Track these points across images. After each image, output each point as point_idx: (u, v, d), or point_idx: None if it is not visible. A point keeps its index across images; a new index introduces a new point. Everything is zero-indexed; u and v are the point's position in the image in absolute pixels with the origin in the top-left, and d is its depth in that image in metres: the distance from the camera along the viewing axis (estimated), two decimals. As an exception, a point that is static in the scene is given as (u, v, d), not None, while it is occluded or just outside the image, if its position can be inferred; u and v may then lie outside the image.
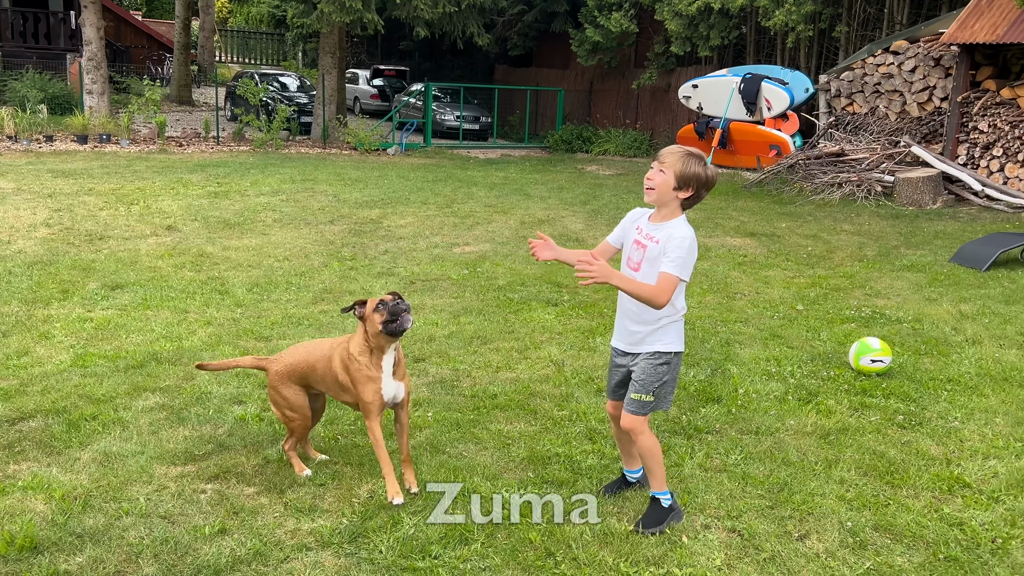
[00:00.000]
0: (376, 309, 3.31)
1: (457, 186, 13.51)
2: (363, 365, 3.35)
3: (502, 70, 27.90)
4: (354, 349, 3.38)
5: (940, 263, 8.23)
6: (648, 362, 3.17)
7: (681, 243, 3.03)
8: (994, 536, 3.23)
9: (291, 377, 3.55)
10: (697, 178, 3.06)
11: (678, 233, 3.06)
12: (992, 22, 12.07)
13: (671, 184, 3.07)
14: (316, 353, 3.52)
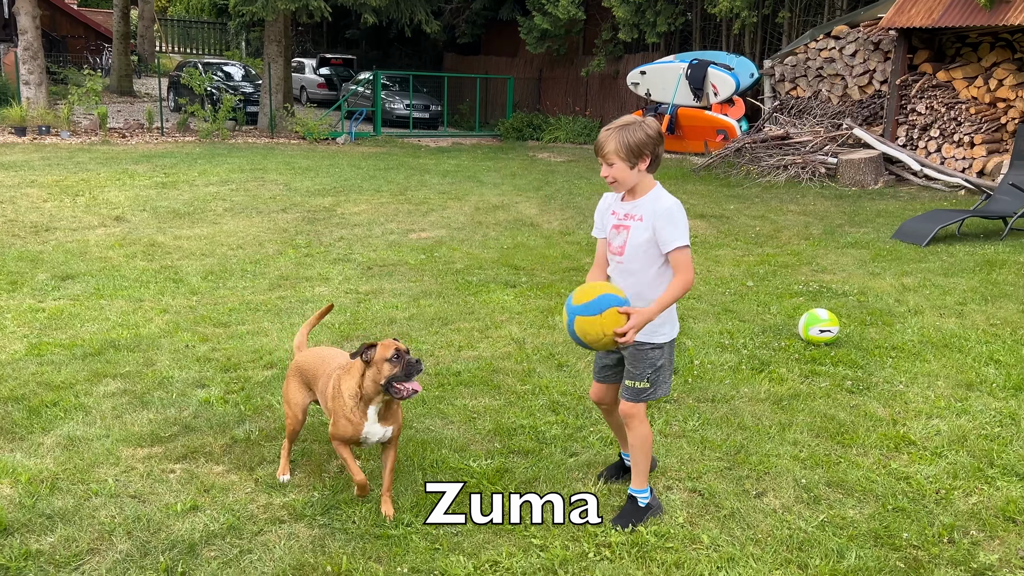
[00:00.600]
0: (389, 360, 2.97)
1: (410, 174, 13.50)
2: (347, 406, 3.07)
3: (451, 58, 27.83)
4: (343, 387, 3.09)
5: (883, 240, 8.51)
6: (641, 349, 3.03)
7: (672, 212, 2.93)
8: (938, 488, 3.41)
9: (300, 374, 3.41)
10: (642, 143, 2.91)
11: (662, 205, 2.95)
12: (928, 7, 12.46)
13: (626, 167, 2.94)
14: (323, 367, 3.31)
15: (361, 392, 3.05)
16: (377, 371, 2.99)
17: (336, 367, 3.24)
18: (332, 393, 3.15)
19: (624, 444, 3.38)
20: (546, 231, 9.04)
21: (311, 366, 3.38)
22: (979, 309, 6.00)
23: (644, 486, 3.16)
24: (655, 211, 2.95)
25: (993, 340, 5.29)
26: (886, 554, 2.94)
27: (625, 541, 3.00)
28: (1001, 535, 3.08)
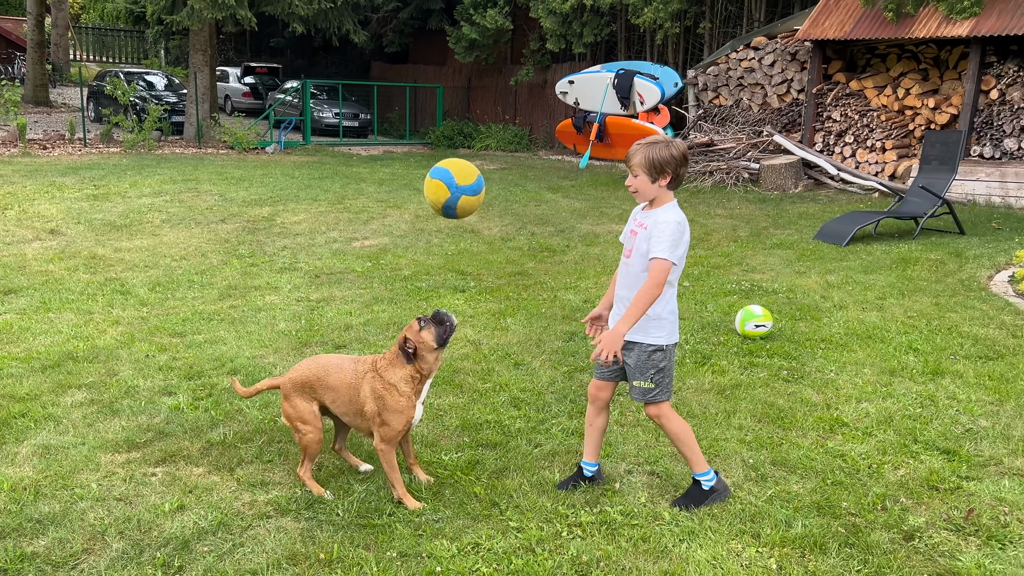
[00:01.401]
0: (422, 329, 3.27)
1: (345, 182, 13.56)
2: (404, 395, 3.26)
3: (379, 67, 27.86)
4: (395, 379, 3.26)
5: (805, 241, 9.02)
6: (642, 353, 3.25)
7: (666, 226, 3.11)
8: (870, 463, 3.76)
9: (301, 387, 3.42)
10: (665, 161, 3.12)
11: (663, 218, 3.14)
12: (840, 20, 13.18)
13: (647, 180, 3.16)
14: (336, 376, 3.38)
15: (421, 372, 3.28)
16: (426, 345, 3.27)
17: (352, 372, 3.35)
18: (374, 394, 3.27)
19: (589, 453, 3.52)
20: (488, 237, 9.27)
21: (317, 376, 3.40)
22: (897, 303, 6.47)
23: (705, 468, 3.35)
24: (656, 222, 3.16)
25: (911, 331, 5.75)
26: (828, 522, 3.25)
27: (595, 520, 3.24)
28: (926, 501, 3.44)
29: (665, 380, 3.30)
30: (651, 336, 3.25)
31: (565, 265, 7.84)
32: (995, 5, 11.59)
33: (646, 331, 3.24)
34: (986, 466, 3.75)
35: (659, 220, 3.16)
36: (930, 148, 9.84)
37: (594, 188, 13.36)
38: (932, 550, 3.09)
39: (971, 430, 4.12)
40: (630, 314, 3.11)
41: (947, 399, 4.52)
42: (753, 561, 3.00)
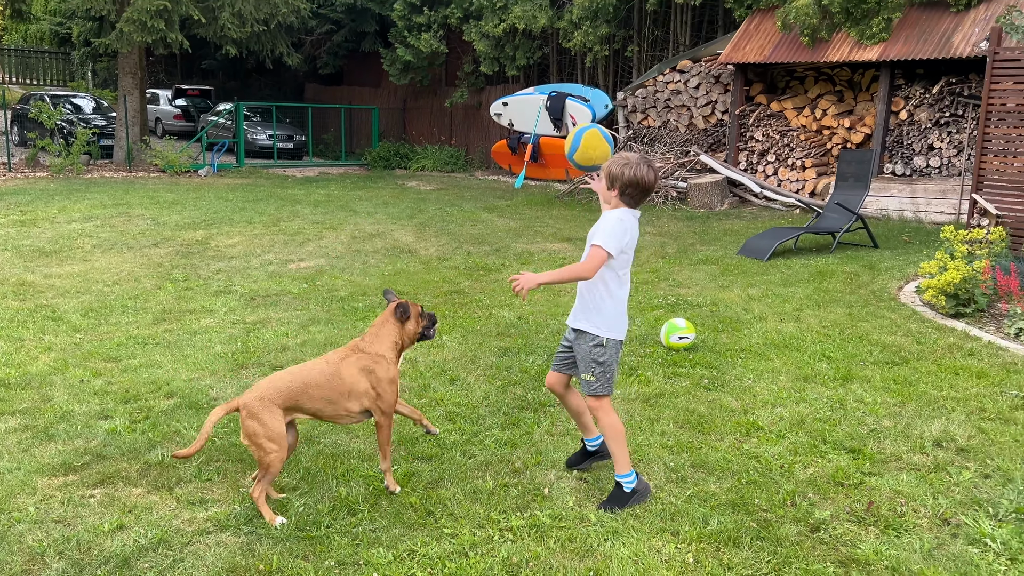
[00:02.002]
0: (420, 314, 3.74)
1: (280, 205, 13.56)
2: (392, 362, 3.59)
3: (313, 88, 27.81)
4: (381, 348, 3.59)
5: (729, 256, 9.40)
6: (585, 345, 3.54)
7: (608, 221, 3.46)
8: (782, 463, 4.03)
9: (276, 402, 3.43)
10: (615, 177, 3.44)
11: (609, 215, 3.49)
12: (760, 44, 13.77)
13: (605, 188, 3.52)
14: (312, 372, 3.54)
15: (402, 343, 3.67)
16: (416, 323, 3.70)
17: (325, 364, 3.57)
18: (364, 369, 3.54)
19: (584, 430, 3.86)
20: (424, 257, 9.42)
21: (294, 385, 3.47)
22: (813, 314, 6.83)
23: (627, 470, 3.57)
24: (603, 218, 3.53)
25: (825, 339, 6.09)
26: (742, 518, 3.49)
27: (525, 524, 3.42)
28: (832, 496, 3.71)
29: (605, 375, 3.57)
30: (592, 325, 3.55)
31: (500, 283, 8.04)
32: (902, 31, 12.28)
33: (588, 318, 3.58)
34: (887, 462, 4.05)
35: (605, 216, 3.52)
36: (845, 166, 10.36)
37: (529, 208, 13.63)
38: (835, 540, 3.34)
39: (875, 430, 4.43)
40: (556, 272, 3.55)
41: (855, 402, 4.84)
42: (672, 556, 3.21)
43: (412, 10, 20.12)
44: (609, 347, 3.56)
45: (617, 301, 3.57)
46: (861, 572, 3.12)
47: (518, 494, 3.68)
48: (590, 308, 3.54)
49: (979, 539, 3.34)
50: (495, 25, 17.96)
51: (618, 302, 3.57)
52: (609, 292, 3.53)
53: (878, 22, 12.19)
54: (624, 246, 3.48)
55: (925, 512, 3.57)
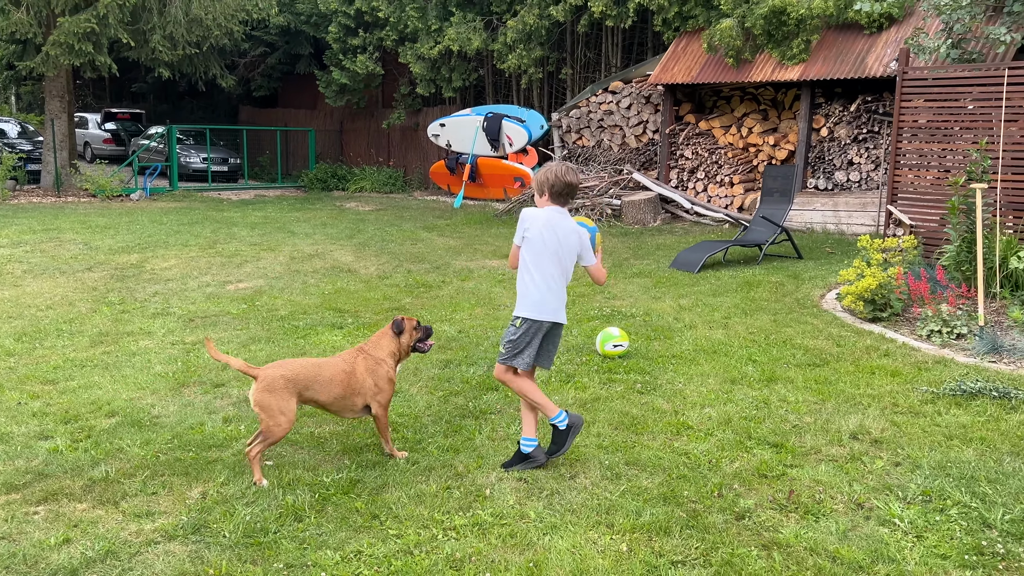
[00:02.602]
0: (415, 328, 4.31)
1: (216, 227, 13.47)
2: (390, 367, 4.19)
3: (247, 111, 27.61)
4: (382, 354, 4.20)
5: (662, 269, 9.71)
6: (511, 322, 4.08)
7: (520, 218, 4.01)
8: (710, 458, 4.25)
9: (293, 384, 3.95)
10: (542, 181, 4.01)
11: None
12: (687, 65, 14.26)
13: (538, 195, 4.07)
14: (328, 370, 4.07)
15: (399, 353, 4.25)
16: (409, 336, 4.27)
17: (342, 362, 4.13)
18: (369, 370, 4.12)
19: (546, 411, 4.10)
20: (364, 276, 9.50)
21: (312, 376, 4.02)
22: (740, 321, 7.14)
23: (555, 412, 4.05)
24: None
25: (751, 345, 6.39)
26: (672, 509, 3.69)
27: (467, 523, 3.56)
28: (756, 487, 3.94)
29: (513, 348, 4.02)
30: (517, 309, 4.06)
31: (441, 299, 8.18)
32: (820, 52, 12.88)
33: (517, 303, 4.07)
34: (808, 455, 4.31)
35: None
36: (770, 181, 10.81)
37: (468, 226, 13.81)
38: (759, 526, 3.57)
39: (797, 426, 4.70)
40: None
41: (779, 401, 5.11)
42: (608, 547, 3.39)
43: (347, 32, 20.23)
44: (522, 327, 4.02)
45: (531, 288, 4.00)
46: (782, 554, 3.34)
47: (460, 496, 3.82)
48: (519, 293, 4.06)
49: (889, 520, 3.60)
50: (430, 47, 18.19)
51: (532, 290, 4.00)
52: (522, 279, 4.03)
53: (798, 44, 12.77)
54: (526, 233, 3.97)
55: (841, 498, 3.82)
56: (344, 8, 19.71)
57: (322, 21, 21.07)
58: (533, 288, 3.98)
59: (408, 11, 18.31)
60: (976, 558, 3.30)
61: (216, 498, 3.79)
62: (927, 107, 9.11)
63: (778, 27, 12.87)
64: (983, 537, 3.45)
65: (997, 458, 4.21)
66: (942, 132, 9.05)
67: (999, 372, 5.63)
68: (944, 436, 4.50)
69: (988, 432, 4.55)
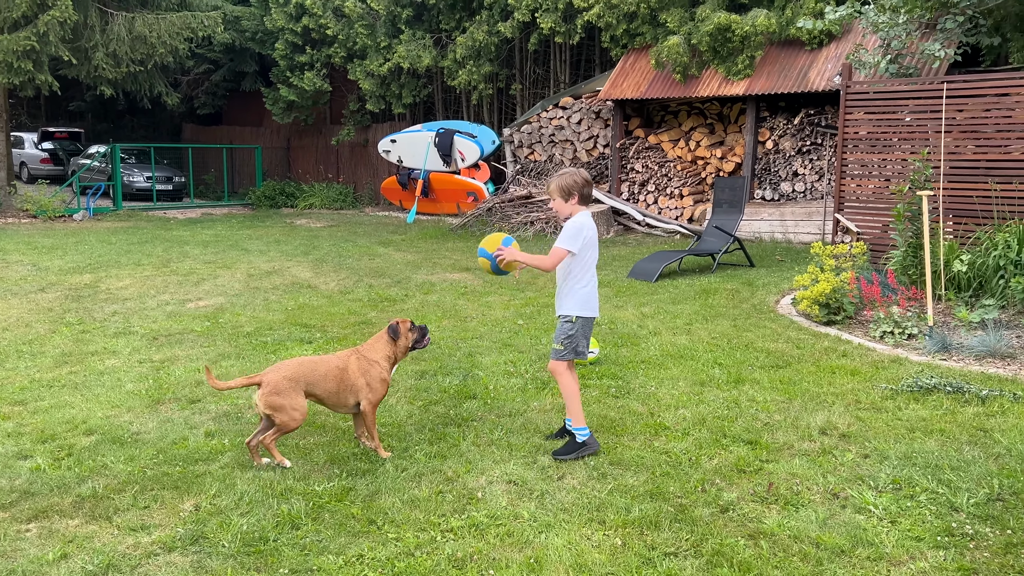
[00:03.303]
0: (410, 329, 4.58)
1: (168, 246, 13.29)
2: (384, 369, 4.45)
3: (191, 129, 27.24)
4: (376, 356, 4.45)
5: (620, 279, 9.92)
6: (560, 322, 4.38)
7: (568, 226, 4.26)
8: (690, 456, 4.41)
9: (297, 382, 4.25)
10: (572, 186, 4.29)
11: (569, 222, 4.29)
12: (636, 81, 14.60)
13: (561, 202, 4.33)
14: (323, 366, 4.37)
15: (395, 356, 4.52)
16: (406, 339, 4.54)
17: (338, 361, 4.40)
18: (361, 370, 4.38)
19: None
20: (326, 292, 9.49)
21: (311, 372, 4.31)
22: (702, 327, 7.36)
23: (581, 424, 4.37)
24: (567, 224, 4.29)
25: (715, 349, 6.60)
26: (660, 505, 3.83)
27: (464, 524, 3.64)
28: (737, 481, 4.10)
29: (571, 344, 4.36)
30: (564, 308, 4.38)
31: (407, 313, 8.23)
32: (764, 68, 13.33)
33: (561, 304, 4.42)
34: (781, 450, 4.50)
35: (568, 224, 4.30)
36: (720, 193, 11.14)
37: (424, 241, 13.87)
38: (743, 518, 3.72)
39: (768, 424, 4.89)
40: (527, 257, 4.36)
41: (748, 401, 5.31)
42: (602, 542, 3.51)
43: (294, 49, 20.17)
44: (577, 323, 4.36)
45: (586, 288, 4.37)
46: (768, 542, 3.50)
47: (454, 499, 3.90)
48: (561, 292, 4.39)
49: (864, 508, 3.80)
50: (380, 64, 18.24)
51: (587, 290, 4.38)
52: (578, 281, 4.35)
53: (743, 59, 13.19)
54: (585, 243, 4.28)
55: (817, 489, 4.01)
56: (291, 25, 19.66)
57: (268, 38, 20.96)
58: (584, 287, 4.36)
59: (357, 28, 18.35)
60: (948, 539, 3.50)
61: (210, 510, 3.80)
62: (868, 119, 9.52)
63: (723, 44, 13.29)
64: (952, 520, 3.66)
65: (958, 447, 4.46)
66: (882, 143, 9.47)
67: (950, 368, 5.93)
68: (907, 429, 4.74)
69: (947, 424, 4.80)
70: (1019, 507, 3.76)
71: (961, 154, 8.68)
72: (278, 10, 19.68)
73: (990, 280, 7.40)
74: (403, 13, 17.73)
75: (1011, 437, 4.57)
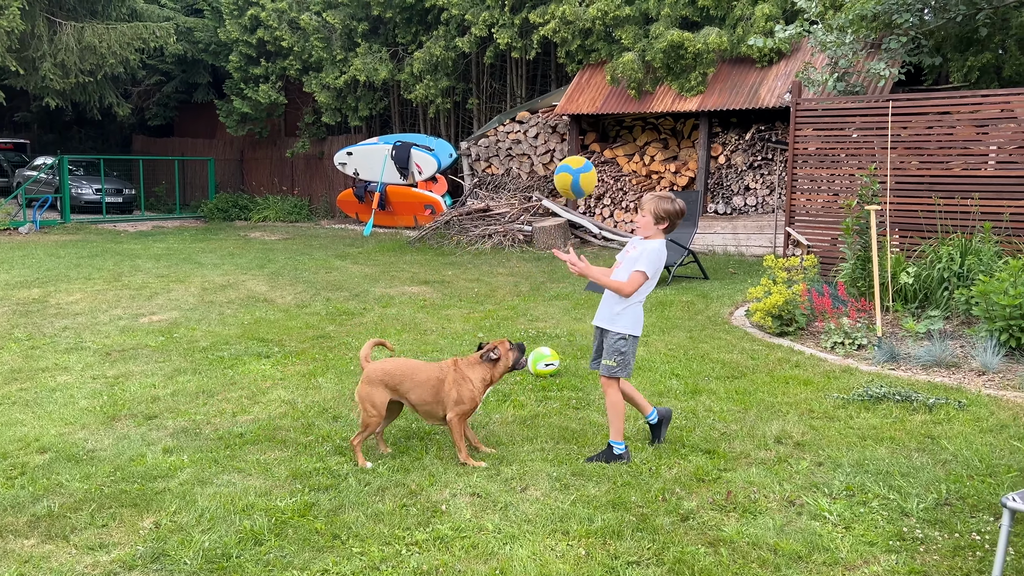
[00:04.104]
0: (510, 349, 4.61)
1: (119, 260, 13.06)
2: (477, 389, 4.50)
3: (141, 140, 26.80)
4: (472, 376, 4.51)
5: (578, 292, 10.02)
6: (611, 339, 4.46)
7: (652, 252, 4.36)
8: (650, 466, 4.48)
9: (385, 380, 4.44)
10: (671, 213, 4.39)
11: (652, 246, 4.39)
12: (592, 96, 14.78)
13: (651, 222, 4.40)
14: (423, 372, 4.52)
15: (492, 378, 4.57)
16: (506, 360, 4.57)
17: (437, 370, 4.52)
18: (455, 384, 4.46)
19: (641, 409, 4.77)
20: (282, 305, 9.41)
21: (399, 375, 4.49)
22: (659, 339, 7.47)
23: (619, 439, 4.49)
24: (646, 248, 4.42)
25: (672, 360, 6.70)
26: (622, 514, 3.89)
27: (428, 537, 3.65)
28: (696, 490, 4.18)
29: (625, 361, 4.48)
30: (617, 326, 4.48)
31: (366, 326, 8.21)
32: (716, 84, 13.60)
33: (612, 322, 4.49)
34: (738, 459, 4.59)
35: (649, 247, 4.41)
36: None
37: (382, 254, 13.83)
38: (703, 526, 3.80)
39: (725, 433, 4.99)
40: (601, 278, 4.44)
41: (705, 411, 5.41)
42: (566, 552, 3.55)
43: (249, 62, 20.01)
44: (630, 341, 4.50)
45: (637, 309, 4.50)
46: (728, 549, 3.58)
47: (418, 512, 3.91)
48: (614, 313, 4.47)
49: (820, 514, 3.90)
50: (336, 77, 18.20)
51: (638, 310, 4.50)
52: (632, 303, 4.46)
53: (695, 76, 13.45)
54: (659, 273, 4.45)
55: (774, 497, 4.10)
56: (246, 37, 19.51)
57: (222, 50, 20.78)
58: (639, 307, 4.49)
59: (312, 41, 18.29)
60: (899, 543, 3.62)
61: (170, 527, 3.75)
62: (817, 135, 9.78)
63: (676, 60, 13.54)
64: (903, 524, 3.78)
65: (907, 454, 4.60)
66: (831, 159, 9.73)
67: (899, 378, 6.11)
68: (858, 437, 4.88)
69: (896, 432, 4.95)
70: (966, 511, 3.90)
71: (906, 170, 8.97)
72: (232, 22, 19.52)
73: (935, 292, 7.64)
74: (359, 27, 17.71)
75: (957, 444, 4.73)
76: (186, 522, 3.81)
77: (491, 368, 4.55)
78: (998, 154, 8.54)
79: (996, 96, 8.58)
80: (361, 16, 17.76)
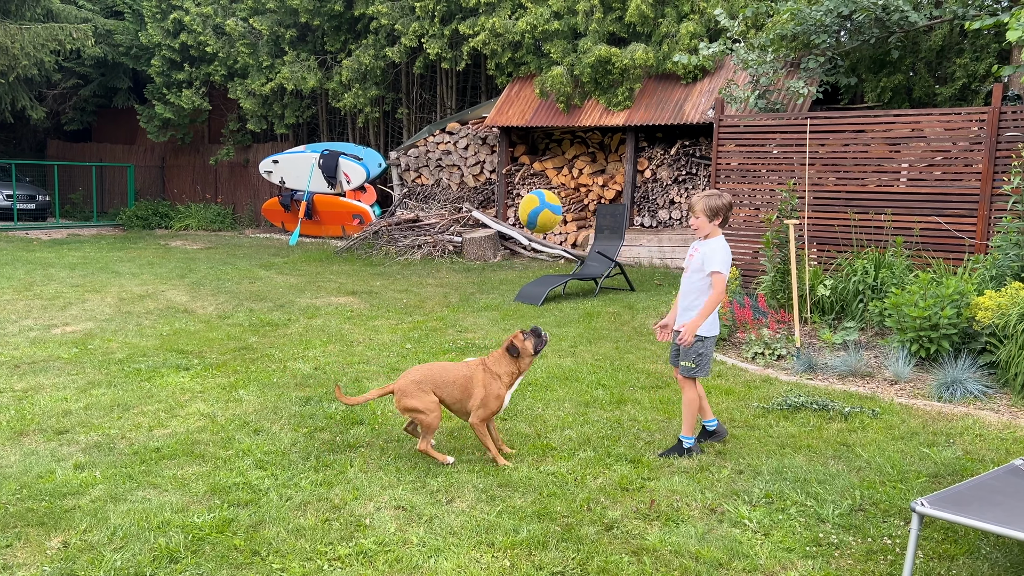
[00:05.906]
0: (525, 339, 4.66)
1: (30, 269, 12.54)
2: (504, 385, 4.61)
3: (56, 145, 25.78)
4: (500, 372, 4.61)
5: (507, 303, 10.04)
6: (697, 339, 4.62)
7: (717, 251, 4.54)
8: (575, 476, 4.51)
9: (424, 383, 4.57)
10: (721, 208, 4.58)
11: (715, 245, 4.56)
12: (521, 109, 14.87)
13: (706, 221, 4.59)
14: (452, 374, 4.63)
15: (520, 369, 4.67)
16: (526, 350, 4.64)
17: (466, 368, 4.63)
18: (483, 381, 4.56)
19: (703, 413, 4.92)
20: (203, 316, 9.17)
21: (438, 377, 4.61)
22: (586, 349, 7.54)
23: (690, 435, 4.77)
24: (710, 248, 4.57)
25: (599, 370, 6.77)
26: (547, 525, 3.89)
27: (352, 552, 3.59)
28: (621, 499, 4.22)
29: (703, 362, 4.68)
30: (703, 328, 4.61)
31: (290, 337, 8.06)
32: (643, 100, 13.85)
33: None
34: (662, 468, 4.66)
35: (713, 247, 4.57)
36: (602, 219, 11.46)
37: (308, 264, 13.62)
38: (627, 535, 3.83)
39: (649, 443, 5.06)
40: (702, 313, 4.58)
41: (630, 421, 5.47)
42: (491, 564, 3.53)
43: (172, 66, 19.51)
44: (708, 342, 4.67)
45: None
46: (651, 558, 3.62)
47: (341, 527, 3.84)
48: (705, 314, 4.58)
49: (740, 521, 3.98)
50: (262, 84, 17.89)
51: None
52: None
53: (622, 91, 13.67)
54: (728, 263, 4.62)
55: (696, 505, 4.17)
56: (168, 41, 19.02)
57: (144, 54, 20.20)
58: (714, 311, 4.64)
59: (238, 47, 17.94)
60: (816, 549, 3.72)
61: (80, 546, 3.60)
62: (739, 151, 10.04)
63: (604, 75, 13.74)
64: (819, 530, 3.89)
65: (823, 462, 4.74)
66: (752, 174, 10.00)
67: (816, 387, 6.30)
68: (777, 445, 5.01)
69: (813, 440, 5.10)
70: (878, 516, 4.03)
71: (824, 185, 9.28)
72: (154, 25, 19.01)
73: (851, 304, 7.91)
74: (287, 34, 17.46)
75: (871, 451, 4.90)
76: (97, 540, 3.66)
77: (516, 362, 4.66)
78: (909, 171, 8.91)
79: (907, 116, 8.96)
80: (289, 23, 17.50)
